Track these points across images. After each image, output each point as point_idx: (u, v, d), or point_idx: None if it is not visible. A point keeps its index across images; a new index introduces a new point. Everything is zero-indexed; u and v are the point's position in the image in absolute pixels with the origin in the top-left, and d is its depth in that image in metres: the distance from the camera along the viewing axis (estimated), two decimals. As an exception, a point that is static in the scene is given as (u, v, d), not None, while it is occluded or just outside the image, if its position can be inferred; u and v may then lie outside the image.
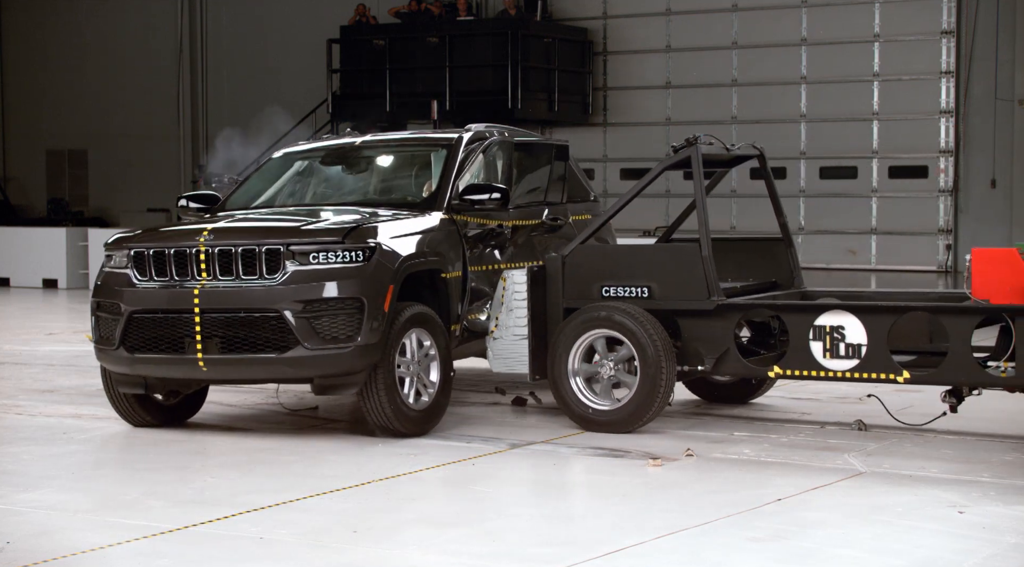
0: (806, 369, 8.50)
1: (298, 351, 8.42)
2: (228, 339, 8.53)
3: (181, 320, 8.60)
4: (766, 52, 24.59)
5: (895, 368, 8.25)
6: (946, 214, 23.52)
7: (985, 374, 8.14)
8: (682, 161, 9.14)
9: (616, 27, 25.95)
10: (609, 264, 9.12)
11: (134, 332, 8.77)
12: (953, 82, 23.11)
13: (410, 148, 10.53)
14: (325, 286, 8.44)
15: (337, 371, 8.52)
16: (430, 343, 8.94)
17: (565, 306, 9.12)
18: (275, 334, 8.46)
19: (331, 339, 8.44)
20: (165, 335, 8.68)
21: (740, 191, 25.02)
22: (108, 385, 9.21)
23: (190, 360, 8.60)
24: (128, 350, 8.78)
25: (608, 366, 8.88)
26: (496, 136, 10.26)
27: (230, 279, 8.58)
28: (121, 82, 30.96)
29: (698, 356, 8.85)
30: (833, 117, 24.16)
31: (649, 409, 8.76)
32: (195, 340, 8.57)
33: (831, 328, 8.41)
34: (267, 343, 8.47)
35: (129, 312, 8.75)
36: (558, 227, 10.55)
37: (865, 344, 8.32)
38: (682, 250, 9.05)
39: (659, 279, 8.91)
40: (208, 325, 8.55)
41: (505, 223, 9.94)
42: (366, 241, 8.61)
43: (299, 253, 8.51)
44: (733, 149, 9.75)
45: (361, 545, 6.24)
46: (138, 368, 8.81)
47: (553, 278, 9.16)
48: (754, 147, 10.01)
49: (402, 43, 24.85)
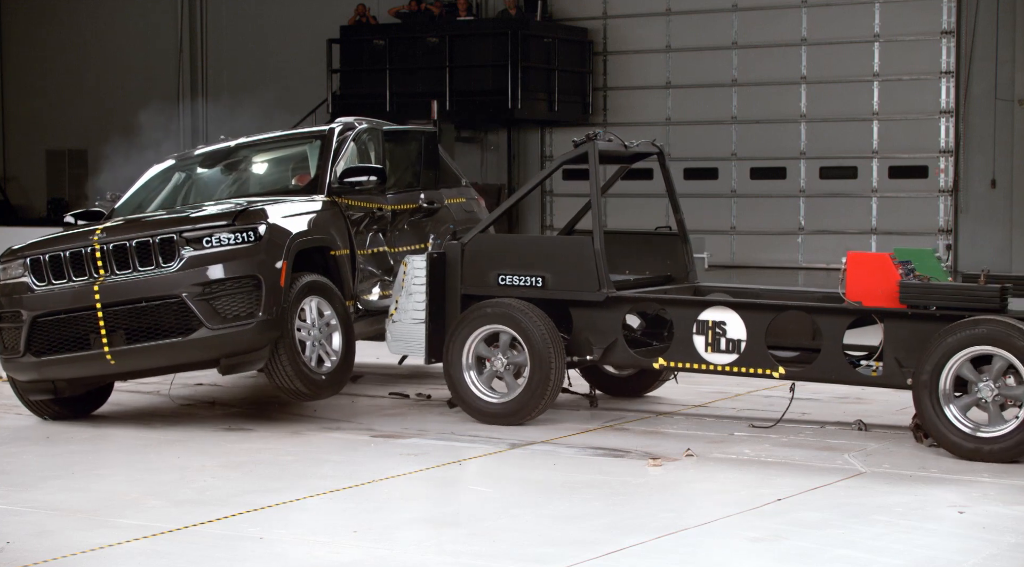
0: (688, 362, 8.83)
1: (202, 332, 8.75)
2: (132, 330, 8.81)
3: (84, 317, 8.86)
4: (766, 52, 24.57)
5: (772, 364, 8.59)
6: (946, 214, 23.50)
7: (855, 373, 8.50)
8: (580, 157, 9.39)
9: (616, 27, 25.94)
10: (506, 253, 9.41)
11: (38, 336, 8.99)
12: (953, 82, 23.11)
13: (285, 144, 10.98)
14: (221, 267, 8.78)
15: (241, 348, 8.81)
16: (330, 313, 9.29)
17: (463, 292, 9.43)
18: (178, 319, 8.77)
19: (232, 317, 8.77)
20: (70, 334, 8.92)
21: (740, 191, 25.02)
22: (18, 394, 9.48)
23: (97, 355, 8.84)
24: (35, 354, 9.00)
25: (500, 360, 9.16)
26: (361, 125, 10.72)
27: (128, 272, 8.87)
28: (121, 82, 30.94)
29: (588, 346, 9.15)
30: (833, 117, 24.14)
31: (540, 401, 9.06)
32: (100, 335, 8.83)
33: (713, 323, 8.74)
34: (171, 329, 8.77)
35: (32, 317, 8.98)
36: (435, 211, 10.99)
37: (744, 340, 8.66)
38: (575, 243, 9.34)
39: (553, 270, 9.21)
40: (111, 318, 8.82)
41: (385, 207, 10.36)
42: (256, 221, 8.95)
43: (192, 239, 8.84)
44: (631, 146, 9.99)
45: (361, 545, 6.24)
46: (46, 371, 9.03)
47: (452, 265, 9.45)
48: (653, 145, 10.28)
49: (402, 43, 24.84)
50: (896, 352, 8.32)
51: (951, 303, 8.18)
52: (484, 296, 9.32)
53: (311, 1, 28.62)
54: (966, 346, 7.97)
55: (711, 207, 25.27)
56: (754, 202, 24.92)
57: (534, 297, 9.19)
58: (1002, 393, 7.96)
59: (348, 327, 9.41)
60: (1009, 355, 7.89)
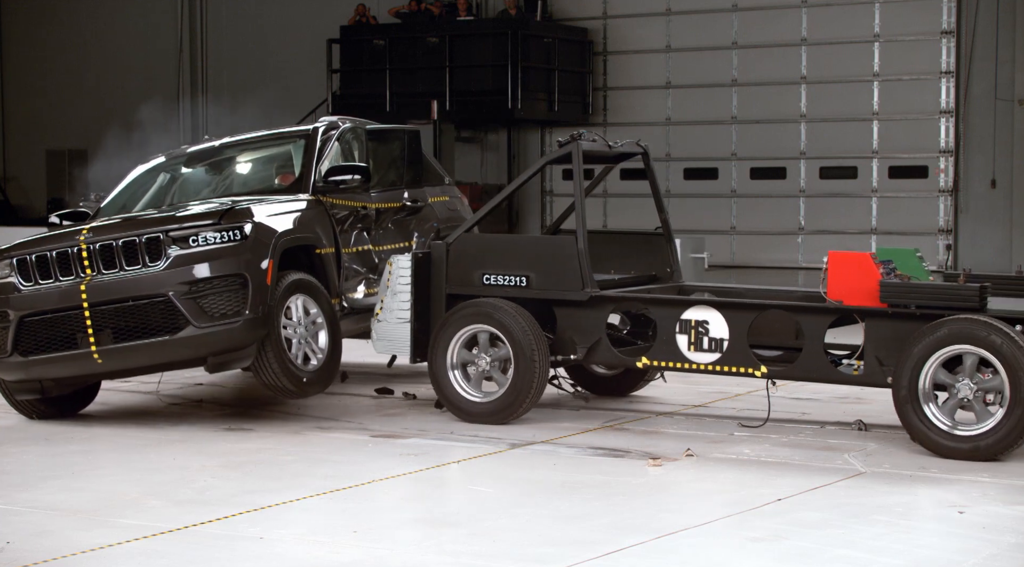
0: (671, 361, 8.89)
1: (189, 331, 8.80)
2: (119, 329, 8.86)
3: (71, 317, 8.90)
4: (766, 52, 24.57)
5: (754, 362, 8.66)
6: (946, 214, 23.50)
7: (836, 371, 8.58)
8: (564, 157, 9.44)
9: (616, 27, 25.94)
10: (491, 253, 9.46)
11: (26, 336, 9.03)
12: (953, 82, 23.10)
13: (269, 144, 11.04)
14: (207, 266, 8.84)
15: (228, 347, 8.87)
16: (316, 311, 9.36)
17: (448, 292, 9.47)
18: (165, 317, 8.83)
19: (220, 316, 8.82)
20: (57, 334, 8.96)
21: (740, 191, 25.02)
22: (5, 394, 9.52)
23: (84, 354, 8.88)
24: (22, 354, 9.03)
25: (485, 359, 9.23)
26: (345, 124, 10.80)
27: (114, 271, 8.92)
28: (121, 82, 30.93)
29: (572, 345, 9.21)
30: (833, 117, 24.14)
31: (524, 401, 9.11)
32: (87, 334, 8.87)
33: (696, 322, 8.81)
34: (158, 327, 8.83)
35: (19, 317, 9.01)
36: (418, 209, 11.07)
37: (727, 339, 8.72)
38: (559, 243, 9.38)
39: (537, 269, 9.27)
40: (98, 317, 8.86)
41: (369, 205, 10.43)
42: (242, 220, 9.01)
43: (179, 238, 8.90)
44: (615, 146, 10.03)
45: (361, 545, 6.24)
46: (33, 371, 9.07)
47: (437, 264, 9.50)
48: (638, 145, 10.30)
49: (402, 43, 24.83)
50: (877, 351, 8.38)
51: (931, 302, 8.22)
52: (469, 296, 9.37)
53: (311, 1, 28.61)
54: (945, 345, 8.01)
55: (711, 207, 25.28)
56: (754, 202, 24.92)
57: (518, 296, 9.25)
58: (981, 388, 8.01)
59: (334, 325, 9.48)
60: (985, 353, 7.92)
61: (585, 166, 9.52)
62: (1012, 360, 7.84)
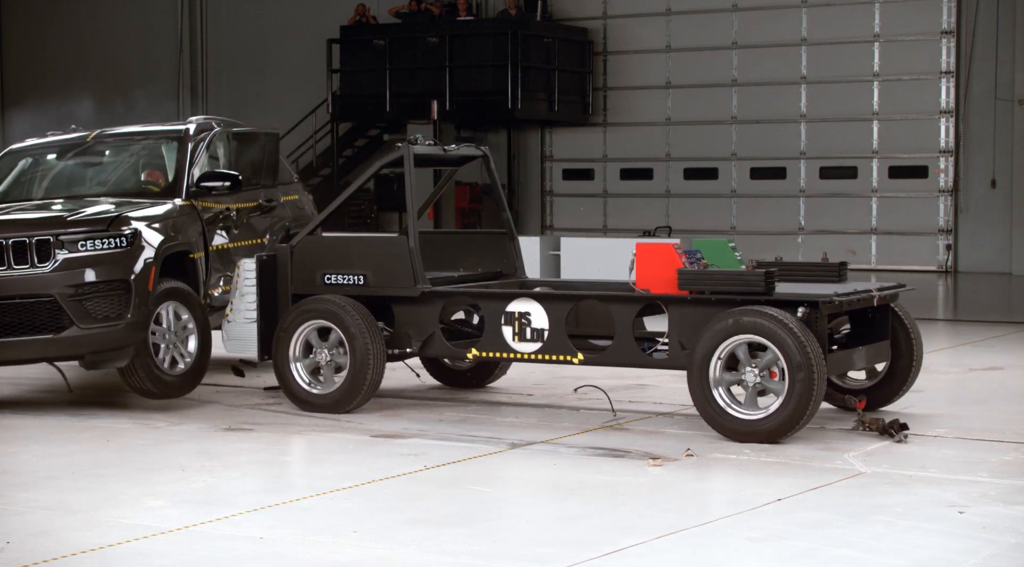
0: (498, 351, 9.34)
1: (72, 331, 9.35)
2: (4, 325, 9.33)
3: None
4: (766, 52, 24.59)
5: (571, 351, 9.10)
6: (946, 214, 23.51)
7: (644, 356, 9.01)
8: (397, 160, 9.84)
9: (616, 27, 25.95)
10: (331, 254, 9.89)
11: None
12: (953, 82, 23.11)
13: (141, 141, 11.37)
14: (95, 270, 9.35)
15: (109, 347, 9.43)
16: (188, 317, 9.92)
17: (293, 292, 9.90)
18: (50, 317, 9.34)
19: (103, 318, 9.40)
20: None
21: (740, 191, 25.03)
22: None
23: None
24: None
25: (324, 353, 9.60)
26: (217, 127, 11.23)
27: (3, 269, 9.36)
28: (121, 82, 30.93)
29: (408, 339, 9.66)
30: (833, 117, 24.16)
31: (359, 392, 9.51)
32: None
33: (519, 314, 9.25)
34: (43, 326, 9.34)
35: None
36: (272, 208, 11.58)
37: (547, 329, 9.17)
38: (392, 242, 9.84)
39: (373, 268, 9.71)
40: None
41: (232, 206, 10.95)
42: (128, 228, 9.52)
43: (68, 242, 9.36)
44: (451, 150, 10.51)
45: (361, 545, 6.24)
46: None
47: (282, 266, 9.93)
48: (478, 149, 10.76)
49: (402, 43, 24.84)
50: (680, 336, 8.78)
51: (721, 288, 8.63)
52: (312, 295, 9.78)
53: (311, 1, 28.60)
54: (733, 334, 8.38)
55: (711, 207, 25.29)
56: (754, 202, 24.93)
57: (357, 294, 9.67)
58: (763, 383, 8.38)
59: (205, 330, 10.04)
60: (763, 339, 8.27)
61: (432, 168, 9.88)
62: (785, 346, 8.19)
